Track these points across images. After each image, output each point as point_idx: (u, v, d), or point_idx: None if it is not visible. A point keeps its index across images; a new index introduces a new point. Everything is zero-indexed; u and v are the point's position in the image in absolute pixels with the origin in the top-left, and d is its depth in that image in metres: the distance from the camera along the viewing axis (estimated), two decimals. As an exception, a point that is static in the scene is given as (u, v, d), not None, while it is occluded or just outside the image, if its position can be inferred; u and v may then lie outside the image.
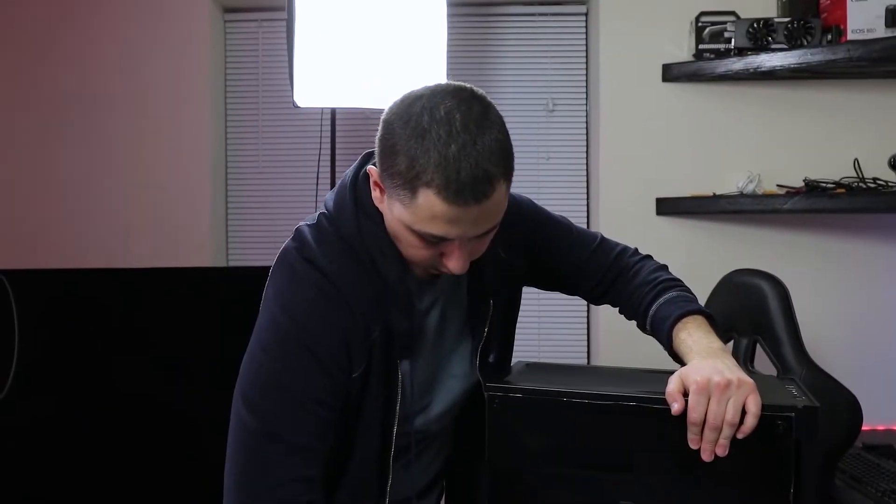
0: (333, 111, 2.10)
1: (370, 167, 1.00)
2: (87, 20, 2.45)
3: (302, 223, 1.08)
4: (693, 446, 0.93)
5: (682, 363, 1.04)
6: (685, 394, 0.93)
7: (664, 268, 1.24)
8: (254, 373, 1.01)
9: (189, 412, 1.98)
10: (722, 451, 0.91)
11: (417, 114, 0.90)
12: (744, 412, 0.91)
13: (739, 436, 0.91)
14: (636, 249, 1.27)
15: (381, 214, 1.02)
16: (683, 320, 1.07)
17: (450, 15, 2.00)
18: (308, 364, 0.99)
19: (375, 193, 1.01)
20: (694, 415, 0.91)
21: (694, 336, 1.04)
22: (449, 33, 1.99)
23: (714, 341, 1.03)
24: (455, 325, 1.13)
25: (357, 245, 1.02)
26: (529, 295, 2.39)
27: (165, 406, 1.97)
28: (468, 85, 0.95)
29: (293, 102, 1.93)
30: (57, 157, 2.47)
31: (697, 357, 0.99)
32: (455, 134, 0.88)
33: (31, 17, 2.46)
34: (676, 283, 1.18)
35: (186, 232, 2.44)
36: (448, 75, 1.93)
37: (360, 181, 1.05)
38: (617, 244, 1.26)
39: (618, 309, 1.26)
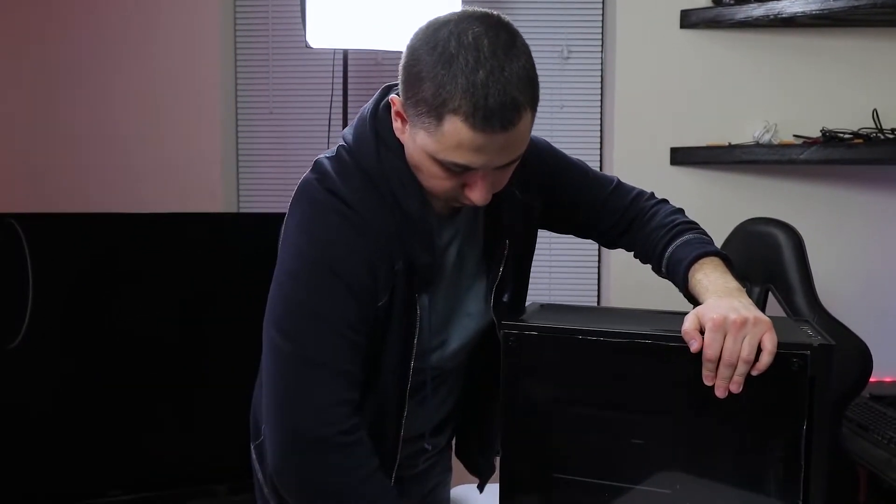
0: (346, 53, 2.08)
1: (392, 96, 0.99)
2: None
3: (321, 156, 1.07)
4: (707, 383, 0.93)
5: (697, 305, 1.04)
6: (702, 332, 0.93)
7: (680, 211, 1.23)
8: (285, 302, 1.01)
9: (200, 358, 2.00)
10: (736, 387, 0.92)
11: (444, 39, 0.88)
12: (760, 350, 0.91)
13: (754, 373, 0.91)
14: (652, 193, 1.27)
15: (401, 146, 1.01)
16: (700, 261, 1.06)
17: (465, -44, 1.97)
18: (338, 290, 0.98)
19: (397, 124, 0.99)
20: (709, 351, 0.91)
21: (710, 277, 1.04)
22: (463, -25, 1.95)
23: (730, 281, 1.03)
24: (471, 263, 1.13)
25: (377, 177, 1.01)
26: (541, 239, 2.39)
27: (176, 351, 1.99)
28: (495, 12, 0.93)
29: (306, 43, 1.90)
30: (67, 104, 2.46)
31: (714, 296, 0.99)
32: (483, 60, 0.87)
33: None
34: (693, 226, 1.17)
35: (197, 177, 2.44)
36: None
37: (380, 113, 1.04)
38: (633, 188, 1.26)
39: (633, 253, 1.25)
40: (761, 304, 1.75)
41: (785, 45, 2.27)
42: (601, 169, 2.49)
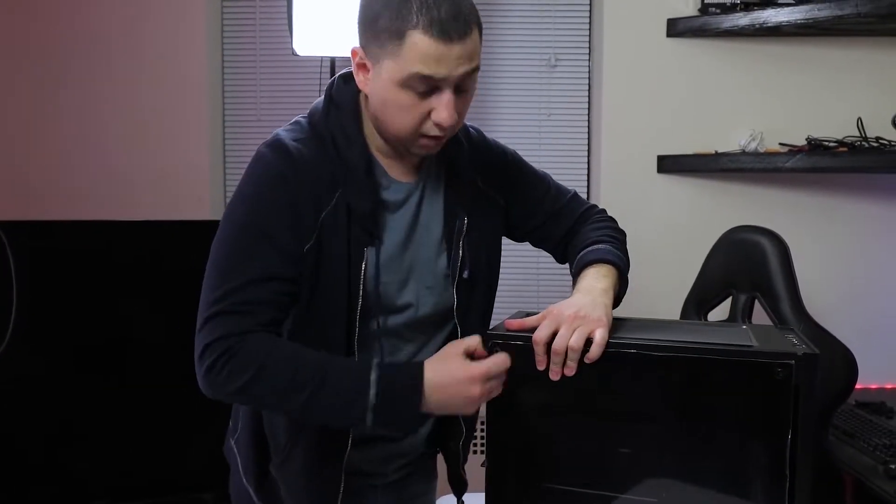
0: (333, 60, 2.08)
1: (353, 48, 1.06)
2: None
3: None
4: (539, 367, 0.99)
5: None
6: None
7: (613, 228, 1.25)
8: (220, 253, 1.07)
9: (187, 365, 1.98)
10: (570, 371, 0.98)
11: None
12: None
13: (587, 360, 0.97)
14: (602, 210, 1.29)
15: (350, 106, 1.10)
16: (590, 265, 1.12)
17: (452, -36, 1.97)
18: (260, 241, 1.04)
19: (359, 77, 1.07)
20: (538, 335, 0.99)
21: (587, 277, 1.11)
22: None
23: (599, 282, 1.09)
24: (432, 236, 1.16)
25: (323, 131, 1.10)
26: (529, 250, 2.39)
27: (162, 358, 1.98)
28: None
29: (292, 50, 1.90)
30: (54, 108, 2.45)
31: (575, 293, 1.08)
32: None
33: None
34: (609, 239, 1.20)
35: (184, 184, 2.43)
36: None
37: (335, 83, 1.14)
38: (586, 202, 1.30)
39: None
40: (748, 312, 1.76)
41: (770, 54, 2.29)
42: (589, 175, 2.49)
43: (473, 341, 1.03)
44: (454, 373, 1.00)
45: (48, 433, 1.93)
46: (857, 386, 1.63)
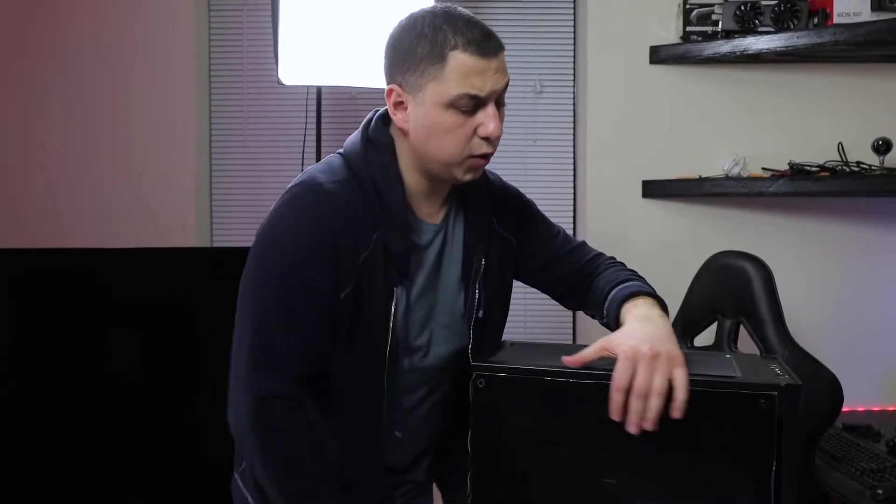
0: (319, 89, 2.09)
1: (390, 87, 1.10)
2: (70, -3, 2.41)
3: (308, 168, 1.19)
4: (614, 417, 0.94)
5: None
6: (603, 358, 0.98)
7: (633, 271, 1.26)
8: (257, 289, 1.09)
9: (171, 393, 1.97)
10: (650, 425, 0.92)
11: (420, 17, 1.08)
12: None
13: (674, 414, 0.92)
14: (612, 257, 1.30)
15: (390, 147, 1.14)
16: (633, 299, 1.11)
17: (437, -6, 1.99)
18: (298, 293, 1.07)
19: (398, 115, 1.11)
20: (617, 379, 0.93)
21: (637, 307, 1.08)
22: (436, 12, 1.97)
23: (653, 310, 1.07)
24: (451, 277, 1.20)
25: (362, 171, 1.12)
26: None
27: (147, 386, 1.96)
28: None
29: (278, 80, 1.91)
30: (39, 136, 2.44)
31: (633, 321, 1.03)
32: (458, 15, 1.08)
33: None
34: (637, 278, 1.22)
35: (170, 211, 2.42)
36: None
37: (371, 123, 1.17)
38: (595, 250, 1.31)
39: (585, 311, 1.30)
40: (733, 337, 1.77)
41: (752, 80, 2.33)
42: (575, 201, 2.51)
43: None
44: None
45: (28, 462, 1.91)
46: (844, 408, 1.64)
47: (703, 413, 0.95)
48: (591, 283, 1.25)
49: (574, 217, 2.48)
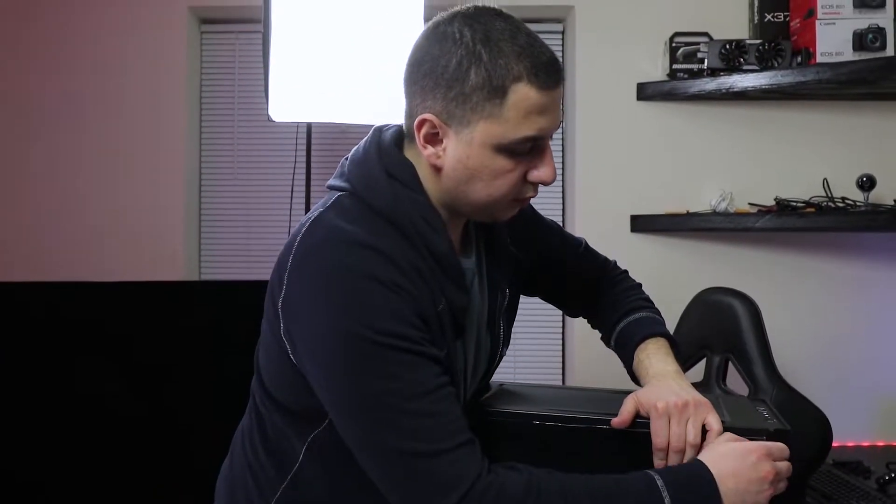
0: (309, 125, 2.09)
1: (423, 116, 0.90)
2: (61, 28, 2.42)
3: (314, 213, 0.95)
4: (660, 461, 0.94)
5: (639, 383, 1.07)
6: (638, 416, 0.95)
7: (639, 287, 1.26)
8: (366, 390, 0.85)
9: (162, 426, 1.95)
10: None
11: (458, 31, 0.88)
12: (705, 431, 0.93)
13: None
14: (615, 262, 1.29)
15: (418, 182, 0.94)
16: (646, 342, 1.09)
17: (427, 31, 2.01)
18: (405, 359, 0.85)
19: (429, 150, 0.92)
20: (658, 439, 0.93)
21: (652, 359, 1.06)
22: (426, 49, 1.99)
23: (670, 364, 1.05)
24: (483, 317, 1.07)
25: (396, 218, 0.91)
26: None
27: (133, 422, 1.94)
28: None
29: (268, 117, 1.91)
30: (26, 169, 2.43)
31: (653, 379, 1.02)
32: (514, 27, 0.88)
33: (2, 26, 2.42)
34: (647, 304, 1.20)
35: (159, 245, 2.41)
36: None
37: (385, 149, 0.96)
38: (598, 253, 1.28)
39: (587, 319, 1.27)
40: (722, 374, 1.77)
41: (738, 117, 2.36)
42: (564, 235, 2.52)
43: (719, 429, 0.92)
44: (736, 454, 0.88)
45: (16, 497, 1.88)
46: (834, 444, 1.64)
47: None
48: (600, 299, 1.20)
49: (563, 251, 2.49)
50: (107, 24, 2.42)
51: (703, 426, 0.93)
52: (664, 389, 0.97)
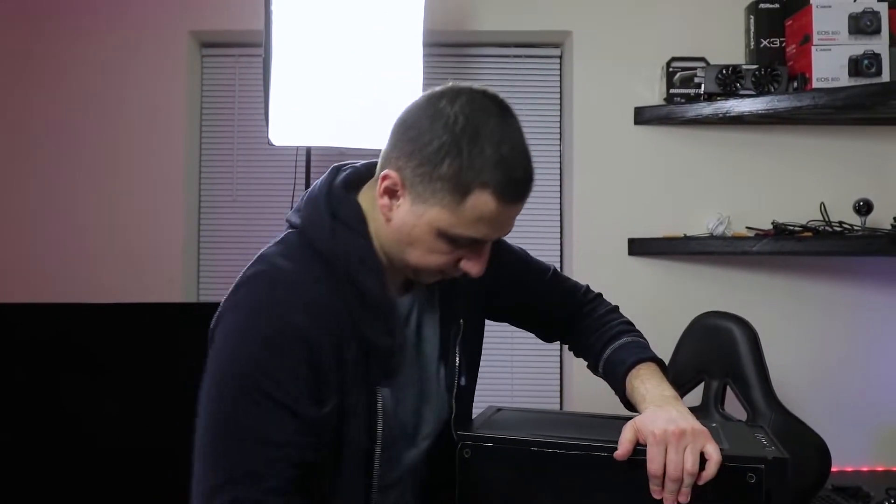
0: (308, 150, 2.11)
1: (389, 171, 0.93)
2: (62, 51, 2.44)
3: (264, 249, 1.02)
4: (656, 496, 0.93)
5: (633, 409, 1.06)
6: (639, 444, 0.94)
7: (616, 309, 1.24)
8: (213, 426, 0.91)
9: (156, 451, 1.93)
10: (684, 498, 0.92)
11: (455, 114, 0.88)
12: (704, 459, 0.92)
13: (700, 482, 0.92)
14: (588, 287, 1.27)
15: (362, 225, 0.97)
16: (637, 367, 1.08)
17: (426, 55, 2.03)
18: (269, 410, 0.88)
19: (383, 200, 0.94)
20: (653, 466, 0.92)
21: (647, 384, 1.05)
22: (425, 73, 2.01)
23: (667, 389, 1.05)
24: (431, 347, 1.08)
25: (331, 256, 0.96)
26: (503, 338, 2.37)
27: (131, 444, 1.93)
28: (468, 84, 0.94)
29: (268, 141, 1.93)
30: (26, 189, 2.44)
31: (651, 405, 1.01)
32: (504, 133, 0.88)
33: (5, 49, 2.44)
34: (630, 329, 1.19)
35: (157, 267, 2.41)
36: (424, 115, 1.94)
37: (334, 192, 1.00)
38: (567, 279, 1.26)
39: (568, 346, 1.27)
40: (720, 399, 1.77)
41: (735, 141, 2.37)
42: (561, 257, 2.52)
43: None
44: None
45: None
46: (833, 469, 1.63)
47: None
48: (577, 326, 1.19)
49: (561, 274, 2.49)
50: (108, 47, 2.44)
51: (702, 454, 0.92)
52: (662, 416, 0.96)
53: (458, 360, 1.08)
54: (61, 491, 1.89)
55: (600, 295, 1.27)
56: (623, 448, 0.94)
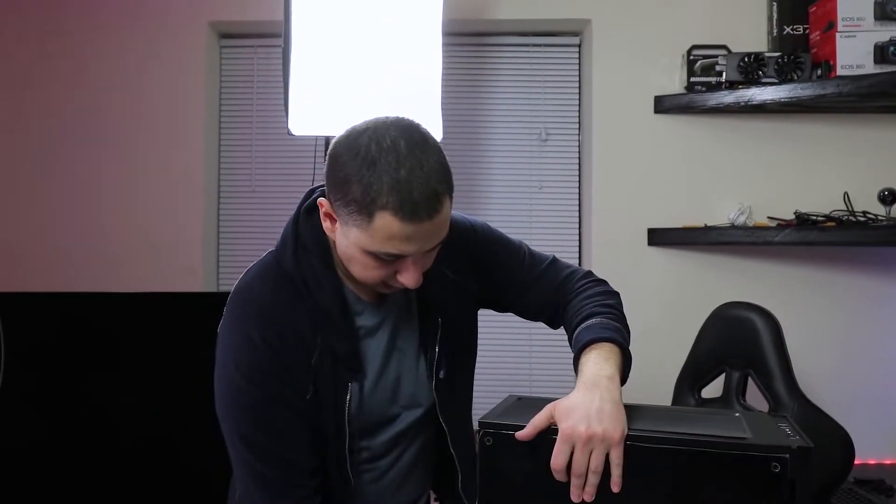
0: (327, 139, 2.10)
1: (321, 200, 1.05)
2: (83, 44, 2.46)
3: (254, 263, 1.17)
4: (561, 479, 0.95)
5: None
6: (553, 426, 0.97)
7: (606, 293, 1.21)
8: (235, 415, 1.09)
9: (176, 438, 1.95)
10: (589, 496, 0.94)
11: (365, 145, 0.96)
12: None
13: (613, 489, 0.94)
14: (588, 272, 1.26)
15: (318, 246, 1.11)
16: (590, 346, 1.07)
17: (445, 44, 2.02)
18: (272, 406, 1.07)
19: (326, 224, 1.06)
20: (555, 462, 0.95)
21: (589, 364, 1.04)
22: (444, 62, 2.00)
23: (605, 369, 1.03)
24: (410, 344, 1.18)
25: (295, 276, 1.09)
26: (521, 330, 2.37)
27: (149, 431, 1.95)
28: (405, 117, 1.03)
29: (288, 130, 1.93)
30: (48, 180, 2.46)
31: (581, 387, 1.00)
32: (403, 159, 0.95)
33: (26, 39, 2.46)
34: (605, 310, 1.15)
35: (177, 257, 2.43)
36: (443, 104, 1.94)
37: (301, 216, 1.13)
38: (568, 266, 1.26)
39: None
40: (741, 389, 1.75)
41: (757, 130, 2.34)
42: (580, 248, 2.51)
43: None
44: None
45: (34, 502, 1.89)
46: (856, 461, 1.61)
47: (714, 474, 0.93)
48: (562, 310, 1.21)
49: (579, 263, 2.48)
50: (127, 39, 2.45)
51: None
52: (581, 408, 0.96)
53: (436, 353, 1.17)
54: (75, 476, 1.92)
55: (598, 280, 1.25)
56: (527, 430, 0.97)
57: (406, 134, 0.97)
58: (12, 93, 2.47)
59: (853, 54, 2.08)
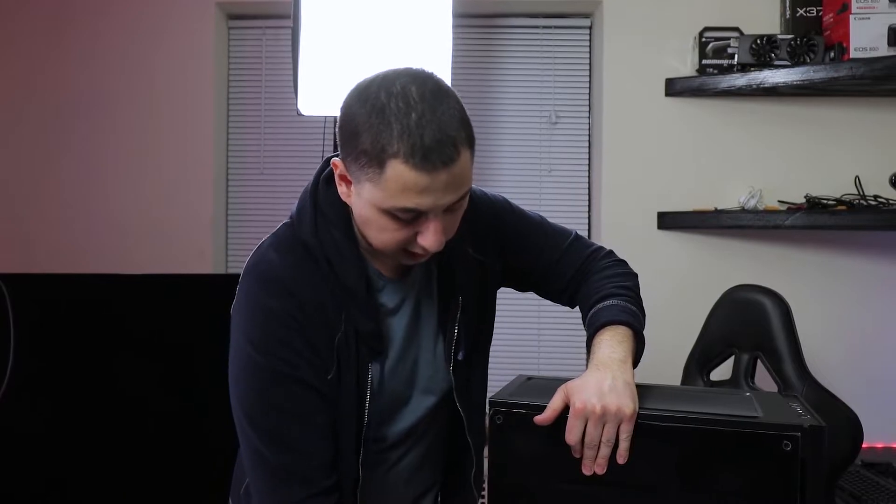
0: (336, 119, 2.10)
1: (334, 160, 0.99)
2: (91, 25, 2.45)
3: (266, 238, 1.09)
4: (576, 455, 0.96)
5: None
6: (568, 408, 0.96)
7: (625, 275, 1.19)
8: (247, 398, 1.03)
9: (186, 420, 1.97)
10: (601, 469, 0.95)
11: (374, 93, 0.91)
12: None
13: (619, 460, 0.94)
14: (609, 251, 1.24)
15: (340, 217, 1.04)
16: (604, 329, 1.06)
17: (455, 26, 2.01)
18: (288, 386, 1.01)
19: (342, 188, 1.00)
20: (569, 436, 0.95)
21: (602, 345, 1.03)
22: (454, 44, 1.99)
23: (617, 352, 1.02)
24: (429, 324, 1.13)
25: (315, 248, 1.03)
26: (530, 307, 2.37)
27: (161, 413, 1.96)
28: (420, 67, 0.97)
29: (297, 111, 1.92)
30: (58, 162, 2.47)
31: (591, 368, 1.00)
32: (413, 104, 0.89)
33: (36, 22, 2.46)
34: (622, 292, 1.14)
35: (187, 238, 2.44)
36: (452, 86, 1.93)
37: (320, 184, 1.06)
38: (591, 244, 1.23)
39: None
40: (750, 372, 1.75)
41: (768, 113, 2.33)
42: (590, 231, 2.51)
43: None
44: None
45: (42, 488, 1.91)
46: (863, 445, 1.61)
47: (725, 453, 0.94)
48: (579, 289, 1.19)
49: (589, 247, 2.48)
50: (136, 20, 2.45)
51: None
52: (593, 384, 0.96)
53: (455, 333, 1.11)
54: (88, 457, 1.93)
55: (619, 261, 1.22)
56: (546, 414, 0.96)
57: (418, 81, 0.92)
58: (21, 77, 2.47)
59: (867, 36, 2.06)
